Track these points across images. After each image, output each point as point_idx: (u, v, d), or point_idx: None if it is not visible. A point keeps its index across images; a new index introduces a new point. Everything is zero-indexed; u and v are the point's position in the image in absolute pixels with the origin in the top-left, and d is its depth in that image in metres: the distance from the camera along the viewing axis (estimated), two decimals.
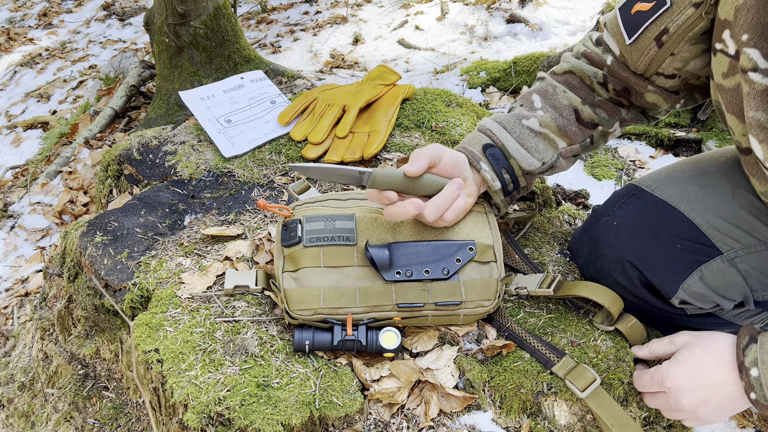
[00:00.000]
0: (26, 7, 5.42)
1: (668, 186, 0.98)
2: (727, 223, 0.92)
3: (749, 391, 0.79)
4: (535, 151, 1.00)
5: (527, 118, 1.00)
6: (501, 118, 1.01)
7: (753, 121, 0.76)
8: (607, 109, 1.01)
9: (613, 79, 0.98)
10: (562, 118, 1.00)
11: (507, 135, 0.99)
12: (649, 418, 1.01)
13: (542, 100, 1.01)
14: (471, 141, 1.01)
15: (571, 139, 1.01)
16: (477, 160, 0.98)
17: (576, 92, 1.01)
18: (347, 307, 0.92)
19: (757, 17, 0.72)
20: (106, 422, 1.16)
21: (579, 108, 1.00)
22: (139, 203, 1.23)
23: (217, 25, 2.61)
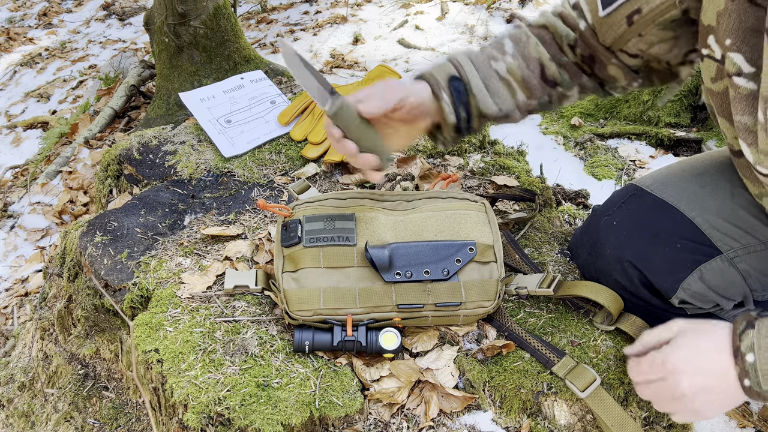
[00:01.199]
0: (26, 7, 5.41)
1: (668, 186, 0.98)
2: (727, 222, 0.92)
3: (743, 377, 0.77)
4: (496, 96, 0.98)
5: (496, 60, 0.99)
6: (472, 54, 1.00)
7: (740, 125, 0.77)
8: (570, 71, 1.01)
9: (582, 44, 0.98)
10: (528, 70, 0.99)
11: (474, 72, 0.98)
12: (649, 418, 1.01)
13: (514, 46, 1.00)
14: (438, 69, 0.98)
15: (532, 93, 1.00)
16: (440, 89, 0.96)
17: (546, 47, 1.00)
18: (347, 307, 0.92)
19: (738, 22, 0.71)
20: (106, 422, 1.16)
21: (545, 63, 0.99)
22: (139, 203, 1.23)
23: (217, 25, 2.61)
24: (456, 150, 1.42)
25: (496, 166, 1.38)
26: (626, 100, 2.48)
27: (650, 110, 2.42)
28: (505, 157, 1.42)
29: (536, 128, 2.49)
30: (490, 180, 1.32)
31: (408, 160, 1.33)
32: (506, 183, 1.30)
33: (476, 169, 1.36)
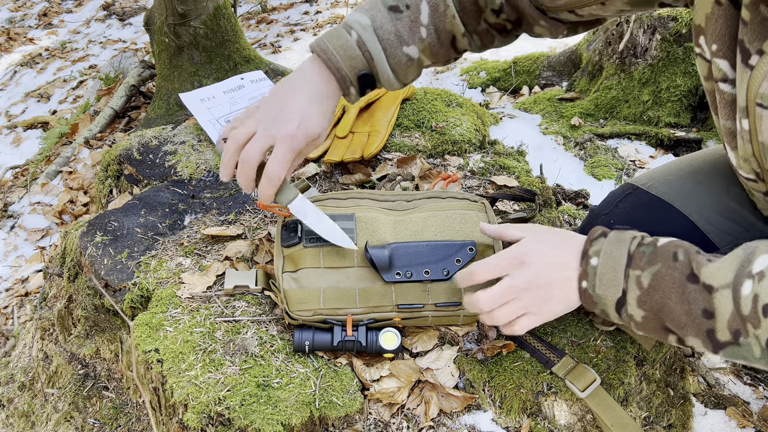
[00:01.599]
0: (26, 7, 5.42)
1: (663, 183, 0.99)
2: (723, 218, 0.93)
3: (582, 278, 0.79)
4: (403, 76, 0.96)
5: (407, 44, 0.93)
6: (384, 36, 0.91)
7: (725, 128, 0.77)
8: (483, 37, 0.98)
9: (509, 8, 0.95)
10: (438, 43, 0.96)
11: (385, 62, 0.92)
12: (649, 418, 1.01)
13: (431, 15, 0.93)
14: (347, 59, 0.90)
15: (437, 60, 0.98)
16: (348, 85, 0.92)
17: (464, 16, 0.95)
18: (347, 307, 0.92)
19: (725, 27, 0.71)
20: (106, 422, 1.16)
21: (458, 37, 0.96)
22: (139, 203, 1.23)
23: (217, 25, 2.61)
24: (456, 150, 1.42)
25: (496, 166, 1.38)
26: (626, 100, 2.48)
27: (650, 110, 2.42)
28: (505, 157, 1.42)
29: (536, 128, 2.49)
30: (490, 180, 1.32)
31: (408, 160, 1.33)
32: (506, 183, 1.30)
33: (476, 169, 1.36)
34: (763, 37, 0.66)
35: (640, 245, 0.78)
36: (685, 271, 0.74)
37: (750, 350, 0.70)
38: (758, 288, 0.68)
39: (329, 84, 0.92)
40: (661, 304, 0.75)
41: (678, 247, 0.76)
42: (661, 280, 0.74)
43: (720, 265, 0.72)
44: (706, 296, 0.71)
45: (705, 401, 1.31)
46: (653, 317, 0.76)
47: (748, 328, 0.69)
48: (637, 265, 0.76)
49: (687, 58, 2.33)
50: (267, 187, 0.87)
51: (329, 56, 0.91)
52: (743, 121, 0.72)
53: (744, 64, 0.68)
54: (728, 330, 0.70)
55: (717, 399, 1.31)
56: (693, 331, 0.73)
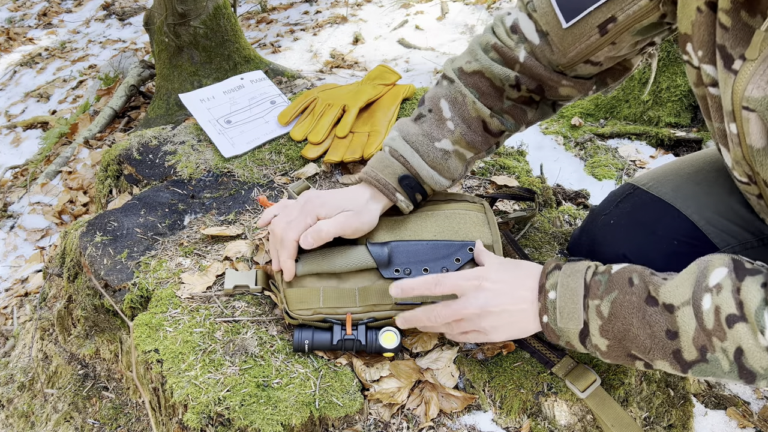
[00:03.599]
0: (26, 7, 5.41)
1: (664, 184, 0.99)
2: (724, 219, 0.93)
3: (543, 313, 0.79)
4: (447, 172, 0.98)
5: (438, 140, 0.96)
6: (413, 139, 0.96)
7: (718, 131, 0.77)
8: (514, 114, 0.98)
9: (526, 78, 0.93)
10: (470, 131, 0.97)
11: (421, 162, 0.96)
12: (649, 418, 1.01)
13: (451, 108, 0.96)
14: (384, 169, 0.96)
15: (479, 150, 0.99)
16: (392, 192, 0.96)
17: (485, 100, 0.96)
18: (347, 306, 0.92)
19: (708, 34, 0.71)
20: (105, 422, 1.16)
21: (487, 120, 0.96)
22: (138, 203, 1.23)
23: (217, 25, 2.61)
24: None
25: (496, 166, 1.38)
26: (626, 100, 2.48)
27: (650, 110, 2.42)
28: (505, 157, 1.42)
29: (536, 128, 2.49)
30: (490, 180, 1.32)
31: None
32: (506, 183, 1.30)
33: (476, 169, 1.36)
34: (745, 43, 0.66)
35: (595, 274, 0.78)
36: (642, 294, 0.74)
37: (718, 365, 0.69)
38: (718, 300, 0.68)
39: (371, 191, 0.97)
40: (624, 331, 0.74)
41: (632, 272, 0.76)
42: (620, 306, 0.74)
43: (677, 283, 0.72)
44: (667, 316, 0.71)
45: (705, 401, 1.31)
46: (618, 345, 0.76)
47: (714, 343, 0.68)
48: (595, 294, 0.76)
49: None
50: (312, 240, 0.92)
51: (369, 174, 0.97)
52: (731, 125, 0.72)
53: (727, 69, 0.68)
54: (694, 347, 0.70)
55: (717, 399, 1.31)
56: (659, 354, 0.72)
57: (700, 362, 0.70)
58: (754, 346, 0.66)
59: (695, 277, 0.71)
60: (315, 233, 0.91)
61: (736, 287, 0.67)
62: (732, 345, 0.67)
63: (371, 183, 0.97)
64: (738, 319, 0.66)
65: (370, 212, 0.95)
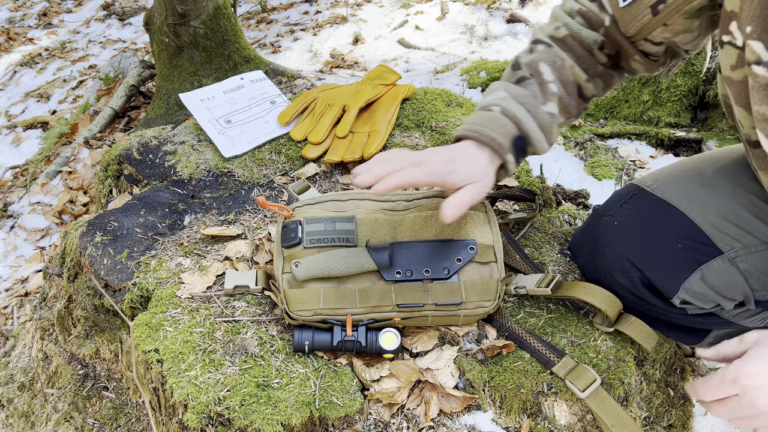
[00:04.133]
0: (26, 7, 5.41)
1: (668, 185, 0.98)
2: (728, 222, 0.92)
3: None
4: (550, 136, 0.99)
5: (544, 103, 0.97)
6: (523, 100, 0.96)
7: (758, 115, 0.76)
8: (605, 78, 1.01)
9: (609, 42, 0.97)
10: (567, 95, 0.99)
11: (533, 123, 0.96)
12: (649, 418, 1.01)
13: (551, 71, 0.98)
14: (497, 128, 0.95)
15: (569, 114, 1.01)
16: (505, 152, 0.95)
17: (581, 63, 0.98)
18: (347, 307, 0.92)
19: (760, 8, 0.71)
20: (106, 422, 1.16)
21: (583, 84, 0.99)
22: (138, 203, 1.23)
23: (217, 25, 2.61)
24: None
25: None
26: (626, 100, 2.48)
27: (650, 110, 2.42)
28: None
29: None
30: None
31: None
32: (506, 183, 1.29)
33: None
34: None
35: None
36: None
37: None
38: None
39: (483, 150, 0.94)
40: None
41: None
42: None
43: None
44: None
45: None
46: None
47: None
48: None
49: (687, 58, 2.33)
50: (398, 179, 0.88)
51: (480, 132, 0.95)
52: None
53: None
54: None
55: None
56: None
57: None
58: None
59: None
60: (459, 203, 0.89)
61: None
62: None
63: (485, 143, 0.94)
64: None
65: (490, 179, 0.94)
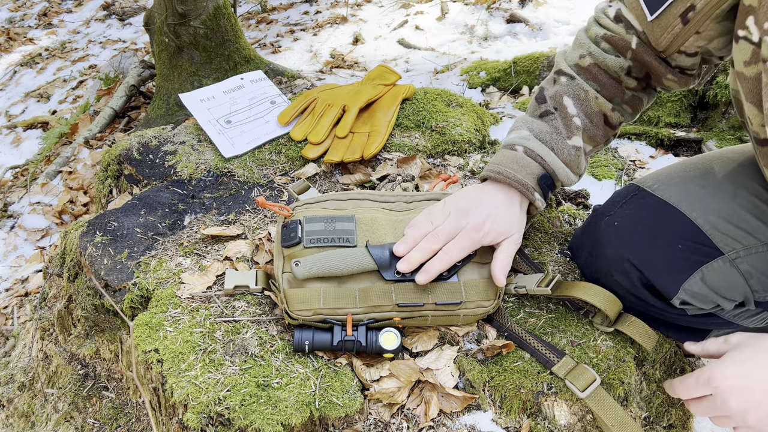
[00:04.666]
0: (26, 7, 5.41)
1: (669, 186, 0.98)
2: (729, 223, 0.92)
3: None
4: (577, 168, 1.01)
5: (569, 137, 0.99)
6: (546, 137, 0.98)
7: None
8: (633, 104, 1.01)
9: (637, 65, 0.96)
10: (592, 126, 1.00)
11: (557, 161, 0.98)
12: (649, 418, 1.01)
13: (575, 104, 0.99)
14: (521, 170, 0.97)
15: (597, 143, 1.03)
16: (532, 192, 0.98)
17: (606, 93, 0.99)
18: (347, 307, 0.92)
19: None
20: (106, 422, 1.16)
21: (608, 114, 1.00)
22: (138, 203, 1.23)
23: (217, 25, 2.61)
24: (456, 150, 1.42)
25: None
26: None
27: (650, 110, 2.42)
28: None
29: None
30: None
31: (408, 160, 1.33)
32: None
33: (476, 169, 1.36)
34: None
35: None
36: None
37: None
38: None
39: (511, 194, 0.98)
40: None
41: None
42: None
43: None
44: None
45: None
46: None
47: None
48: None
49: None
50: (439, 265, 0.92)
51: (505, 174, 0.97)
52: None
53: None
54: None
55: None
56: None
57: None
58: None
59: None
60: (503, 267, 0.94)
61: None
62: None
63: (512, 186, 0.97)
64: None
65: (522, 224, 0.98)
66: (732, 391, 0.77)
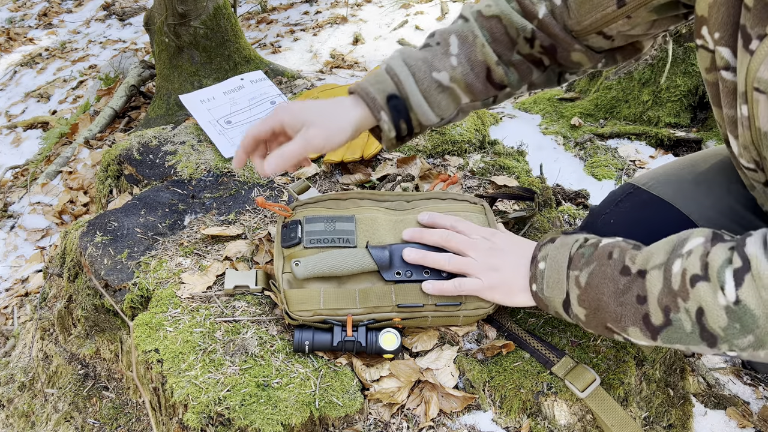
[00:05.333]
0: (26, 7, 5.42)
1: (664, 183, 0.99)
2: (724, 218, 0.93)
3: (532, 282, 0.84)
4: (437, 107, 0.97)
5: (438, 71, 0.95)
6: (412, 61, 0.95)
7: (728, 117, 0.77)
8: (520, 70, 0.98)
9: (542, 34, 0.94)
10: (472, 73, 0.96)
11: (414, 87, 0.94)
12: (649, 418, 1.01)
13: (460, 45, 0.96)
14: (375, 84, 0.94)
15: (475, 96, 0.99)
16: (378, 110, 0.94)
17: (496, 45, 0.96)
18: (347, 308, 0.92)
19: (727, 15, 0.71)
20: (106, 422, 1.16)
21: (492, 67, 0.96)
22: (139, 203, 1.23)
23: (217, 25, 2.61)
24: (456, 150, 1.42)
25: (495, 166, 1.38)
26: (626, 100, 2.48)
27: (650, 110, 2.42)
28: (505, 157, 1.43)
29: (536, 128, 2.49)
30: (489, 180, 1.32)
31: (408, 160, 1.33)
32: (506, 183, 1.30)
33: (476, 169, 1.36)
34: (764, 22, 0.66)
35: (581, 247, 0.82)
36: (618, 266, 0.77)
37: (681, 326, 0.70)
38: (686, 263, 0.70)
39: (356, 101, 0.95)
40: (597, 301, 0.77)
41: (615, 247, 0.79)
42: (595, 277, 0.78)
43: (653, 250, 0.75)
44: (639, 282, 0.74)
45: (705, 401, 1.31)
46: (593, 315, 0.79)
47: (678, 303, 0.70)
48: (576, 266, 0.80)
49: (687, 58, 2.33)
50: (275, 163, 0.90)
51: (359, 85, 0.95)
52: (743, 107, 0.72)
53: (745, 50, 0.68)
54: (660, 309, 0.71)
55: (717, 399, 1.31)
56: (630, 320, 0.75)
57: (666, 326, 0.72)
58: (713, 304, 0.67)
59: (672, 245, 0.74)
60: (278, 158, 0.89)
61: (706, 251, 0.69)
62: (694, 305, 0.69)
63: (359, 94, 0.94)
64: (701, 279, 0.68)
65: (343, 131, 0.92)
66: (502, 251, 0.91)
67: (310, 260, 0.93)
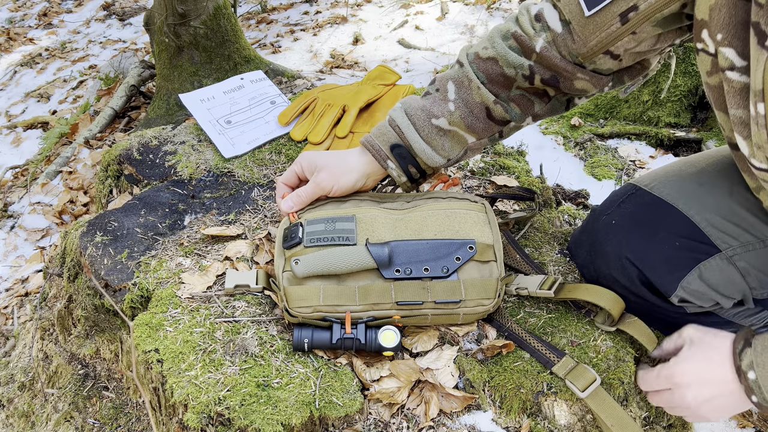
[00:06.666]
0: (26, 7, 5.42)
1: (666, 184, 0.98)
2: (726, 220, 0.92)
3: (750, 393, 0.80)
4: (441, 150, 1.01)
5: (437, 117, 0.99)
6: (412, 111, 1.01)
7: (735, 118, 0.77)
8: (521, 103, 1.00)
9: (541, 68, 0.94)
10: (471, 116, 0.99)
11: (415, 134, 1.00)
12: (649, 418, 1.01)
13: (456, 91, 0.99)
14: (380, 136, 1.02)
15: (480, 135, 1.02)
16: (384, 159, 1.02)
17: (492, 86, 0.98)
18: (347, 305, 0.92)
19: (729, 16, 0.71)
20: (106, 422, 1.16)
21: (491, 106, 0.98)
22: (139, 203, 1.23)
23: (217, 25, 2.61)
24: None
25: (496, 166, 1.38)
26: (626, 100, 2.48)
27: (650, 110, 2.42)
28: (505, 157, 1.43)
29: (536, 128, 2.49)
30: (490, 180, 1.32)
31: None
32: (506, 183, 1.30)
33: (476, 169, 1.36)
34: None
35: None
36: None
37: None
38: None
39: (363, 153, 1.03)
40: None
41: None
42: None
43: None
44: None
45: None
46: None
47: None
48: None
49: (687, 58, 2.33)
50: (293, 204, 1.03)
51: (366, 139, 1.03)
52: (759, 105, 0.71)
53: (760, 47, 0.68)
54: None
55: None
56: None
57: None
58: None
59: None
60: (295, 197, 1.02)
61: None
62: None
63: (365, 147, 1.02)
64: None
65: (350, 173, 1.02)
66: (689, 387, 0.85)
67: (309, 258, 0.93)
